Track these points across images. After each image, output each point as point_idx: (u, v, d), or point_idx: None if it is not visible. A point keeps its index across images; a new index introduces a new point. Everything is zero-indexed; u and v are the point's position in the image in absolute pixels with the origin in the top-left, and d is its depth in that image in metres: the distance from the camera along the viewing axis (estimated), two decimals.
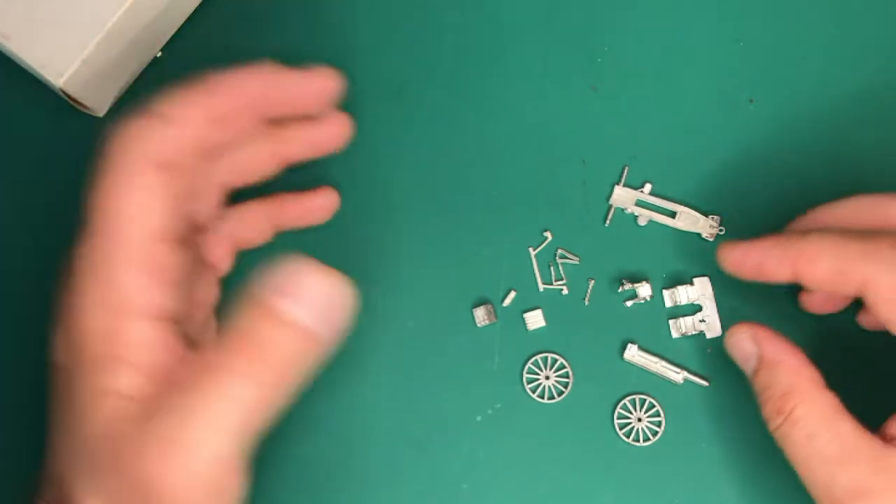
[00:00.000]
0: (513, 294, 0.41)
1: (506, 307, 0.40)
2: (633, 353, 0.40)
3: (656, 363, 0.40)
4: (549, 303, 0.40)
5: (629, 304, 0.40)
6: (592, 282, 0.40)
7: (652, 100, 0.42)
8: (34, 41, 0.39)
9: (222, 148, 0.35)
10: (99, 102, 0.41)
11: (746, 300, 0.40)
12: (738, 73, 0.42)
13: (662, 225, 0.41)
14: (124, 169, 0.32)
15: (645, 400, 0.40)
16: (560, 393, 0.40)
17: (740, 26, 0.43)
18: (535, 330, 0.40)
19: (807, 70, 0.42)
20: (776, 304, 0.40)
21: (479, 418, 0.40)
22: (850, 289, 0.33)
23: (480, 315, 0.40)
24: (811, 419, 0.33)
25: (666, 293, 0.40)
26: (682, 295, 0.40)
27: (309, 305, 0.30)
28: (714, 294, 0.40)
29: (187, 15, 0.43)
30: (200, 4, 0.43)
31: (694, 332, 0.40)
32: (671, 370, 0.40)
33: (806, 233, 0.34)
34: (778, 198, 0.41)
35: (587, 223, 0.41)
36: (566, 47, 0.43)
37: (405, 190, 0.41)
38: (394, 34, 0.43)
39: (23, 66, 0.39)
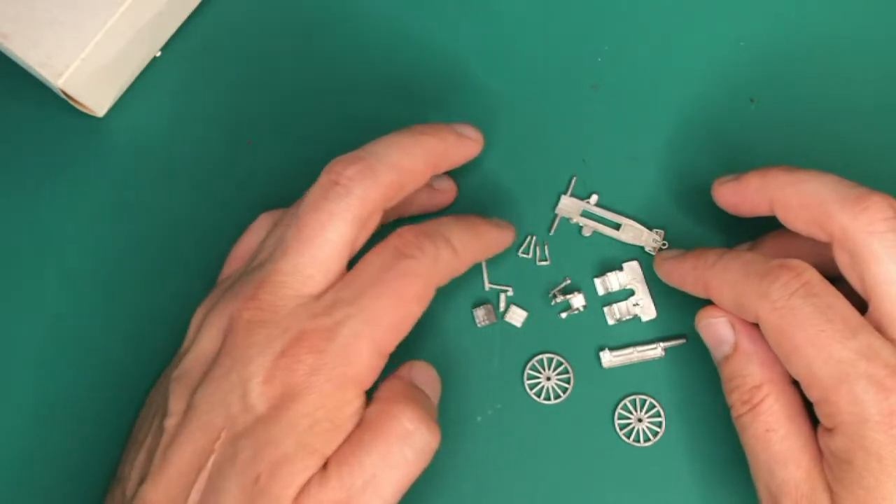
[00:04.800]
0: (510, 291, 0.41)
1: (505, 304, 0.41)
2: (609, 358, 0.40)
3: (632, 353, 0.40)
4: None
5: (564, 315, 0.40)
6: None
7: (652, 100, 0.42)
8: (34, 41, 0.39)
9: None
10: (99, 102, 0.41)
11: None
12: (738, 73, 0.42)
13: (608, 237, 0.41)
14: (329, 221, 0.34)
15: (645, 400, 0.40)
16: (558, 395, 0.40)
17: (741, 26, 0.43)
18: (535, 331, 0.40)
19: (808, 70, 0.42)
20: None
21: (479, 418, 0.40)
22: (749, 318, 0.34)
23: (480, 315, 0.40)
24: (773, 414, 0.34)
25: (597, 281, 0.40)
26: (613, 281, 0.40)
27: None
28: (645, 277, 0.40)
29: (187, 15, 0.43)
30: (200, 4, 0.43)
31: (629, 317, 0.40)
32: (649, 350, 0.40)
33: (716, 261, 0.36)
34: None
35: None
36: (566, 47, 0.43)
37: None
38: (393, 34, 0.43)
39: (22, 65, 0.39)
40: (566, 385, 0.40)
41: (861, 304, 0.33)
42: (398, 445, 0.33)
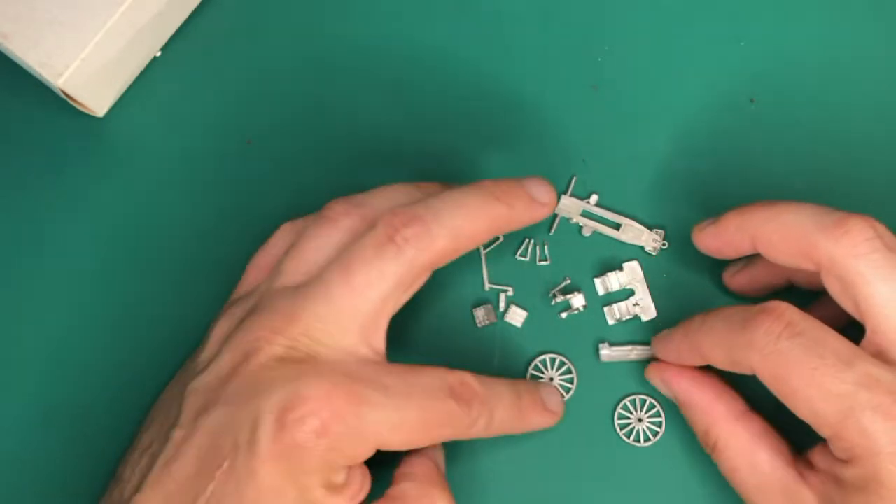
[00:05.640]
0: (510, 291, 0.41)
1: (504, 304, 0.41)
2: (608, 352, 0.40)
3: (631, 351, 0.40)
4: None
5: (564, 315, 0.40)
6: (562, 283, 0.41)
7: (652, 100, 0.42)
8: (34, 41, 0.39)
9: None
10: (99, 102, 0.41)
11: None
12: (738, 73, 0.42)
13: (608, 237, 0.41)
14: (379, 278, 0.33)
15: (646, 400, 0.40)
16: (565, 392, 0.40)
17: (741, 26, 0.43)
18: (535, 331, 0.40)
19: (808, 70, 0.42)
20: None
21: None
22: (746, 372, 0.34)
23: (480, 315, 0.40)
24: (730, 453, 0.35)
25: (597, 281, 0.40)
26: (613, 281, 0.40)
27: None
28: (645, 277, 0.40)
29: (187, 15, 0.43)
30: (200, 4, 0.43)
31: (629, 317, 0.40)
32: (648, 350, 0.40)
33: (700, 324, 0.35)
34: (782, 198, 0.41)
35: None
36: (566, 47, 0.43)
37: None
38: (393, 34, 0.43)
39: (22, 65, 0.39)
40: (569, 385, 0.40)
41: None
42: None
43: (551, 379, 0.40)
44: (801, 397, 0.32)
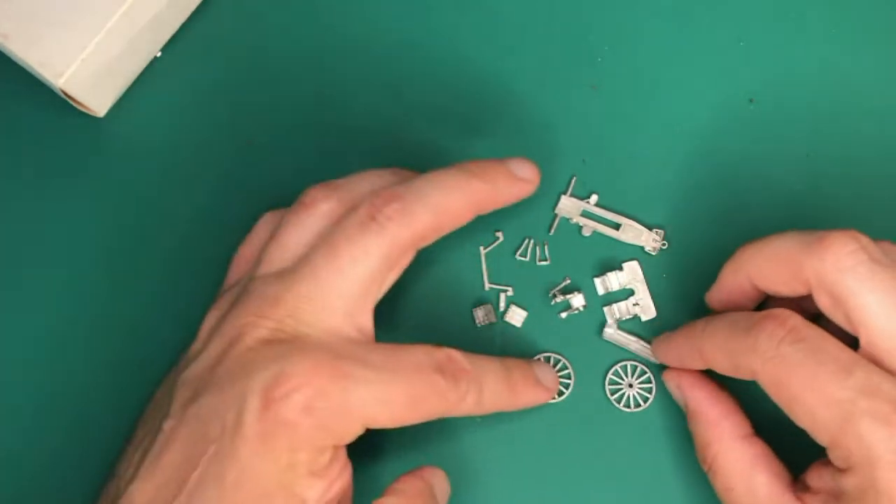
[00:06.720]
0: (510, 291, 0.41)
1: (505, 303, 0.41)
2: (612, 332, 0.40)
3: (635, 342, 0.40)
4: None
5: (563, 315, 0.40)
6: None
7: (652, 100, 0.42)
8: (34, 41, 0.39)
9: None
10: (99, 102, 0.41)
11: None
12: (738, 73, 0.42)
13: (608, 237, 0.41)
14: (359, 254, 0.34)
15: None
16: (562, 393, 0.40)
17: (741, 26, 0.43)
18: (535, 330, 0.40)
19: (807, 70, 0.42)
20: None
21: (478, 419, 0.40)
22: (747, 377, 0.33)
23: (480, 315, 0.40)
24: (728, 472, 0.35)
25: (597, 280, 0.40)
26: (613, 281, 0.40)
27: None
28: (645, 277, 0.40)
29: (187, 15, 0.43)
30: (200, 4, 0.43)
31: (629, 317, 0.40)
32: (648, 349, 0.40)
33: (704, 327, 0.35)
34: (781, 198, 0.41)
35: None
36: (566, 47, 0.43)
37: None
38: (392, 35, 0.43)
39: (23, 65, 0.39)
40: (568, 381, 0.40)
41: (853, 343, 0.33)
42: None
43: None
44: (800, 403, 0.32)
